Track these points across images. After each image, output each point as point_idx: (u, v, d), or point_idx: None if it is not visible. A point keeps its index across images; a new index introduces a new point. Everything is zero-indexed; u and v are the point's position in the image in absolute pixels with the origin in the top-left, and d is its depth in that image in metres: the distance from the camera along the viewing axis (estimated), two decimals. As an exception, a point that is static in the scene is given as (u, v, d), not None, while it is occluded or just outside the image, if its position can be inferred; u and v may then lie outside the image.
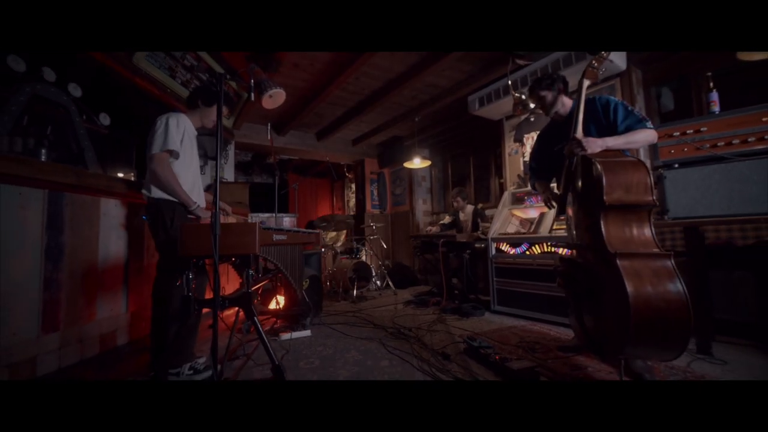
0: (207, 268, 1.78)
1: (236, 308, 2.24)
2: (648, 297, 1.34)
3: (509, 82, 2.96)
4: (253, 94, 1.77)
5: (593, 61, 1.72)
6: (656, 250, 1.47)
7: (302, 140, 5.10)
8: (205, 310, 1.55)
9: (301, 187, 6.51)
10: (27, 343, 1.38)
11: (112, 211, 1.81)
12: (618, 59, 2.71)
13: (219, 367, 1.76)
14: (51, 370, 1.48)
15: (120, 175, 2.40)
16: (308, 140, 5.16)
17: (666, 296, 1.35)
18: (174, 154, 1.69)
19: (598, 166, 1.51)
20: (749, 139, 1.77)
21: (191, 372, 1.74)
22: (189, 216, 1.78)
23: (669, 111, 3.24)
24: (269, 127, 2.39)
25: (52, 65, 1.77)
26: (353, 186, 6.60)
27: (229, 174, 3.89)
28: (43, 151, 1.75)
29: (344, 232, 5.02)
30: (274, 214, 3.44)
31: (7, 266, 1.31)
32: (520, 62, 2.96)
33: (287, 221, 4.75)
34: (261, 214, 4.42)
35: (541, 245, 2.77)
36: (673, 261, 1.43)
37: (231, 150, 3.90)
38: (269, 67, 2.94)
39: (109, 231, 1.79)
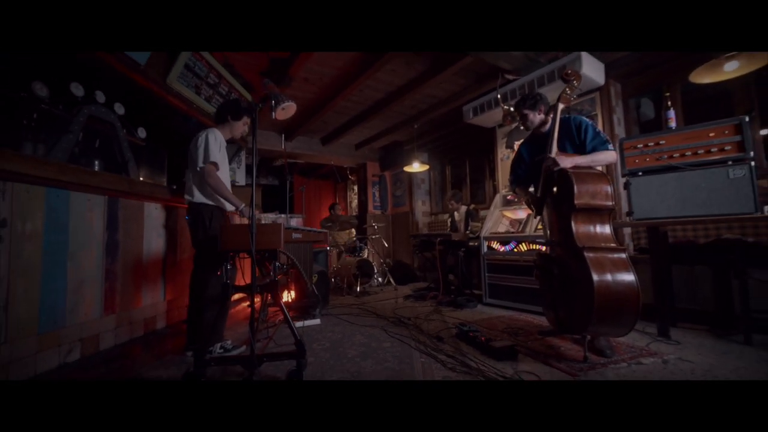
0: (236, 263, 2.07)
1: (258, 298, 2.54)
2: (608, 283, 1.65)
3: (498, 96, 3.25)
4: (274, 113, 2.08)
5: (566, 89, 2.01)
6: (614, 245, 1.78)
7: (308, 145, 5.40)
8: (234, 297, 1.85)
9: (305, 188, 6.81)
10: (94, 322, 1.68)
11: (153, 213, 2.11)
12: (596, 75, 3.00)
13: (244, 347, 2.08)
14: (109, 346, 1.79)
15: (142, 179, 2.70)
16: (314, 145, 5.46)
17: (622, 283, 1.66)
18: (216, 166, 1.98)
19: (571, 176, 1.81)
20: (699, 152, 2.06)
21: (222, 351, 2.03)
22: (227, 216, 2.08)
23: (649, 120, 3.53)
24: (283, 138, 2.67)
25: (102, 88, 2.07)
26: (356, 188, 6.90)
27: (241, 178, 4.19)
28: (96, 162, 2.05)
29: (352, 230, 5.31)
30: (285, 215, 3.73)
31: (80, 260, 1.61)
32: (509, 77, 3.26)
33: (294, 221, 5.05)
34: (270, 215, 4.71)
35: (527, 243, 3.07)
36: (627, 254, 1.73)
37: (243, 156, 4.20)
38: (282, 82, 3.23)
39: (151, 230, 2.10)
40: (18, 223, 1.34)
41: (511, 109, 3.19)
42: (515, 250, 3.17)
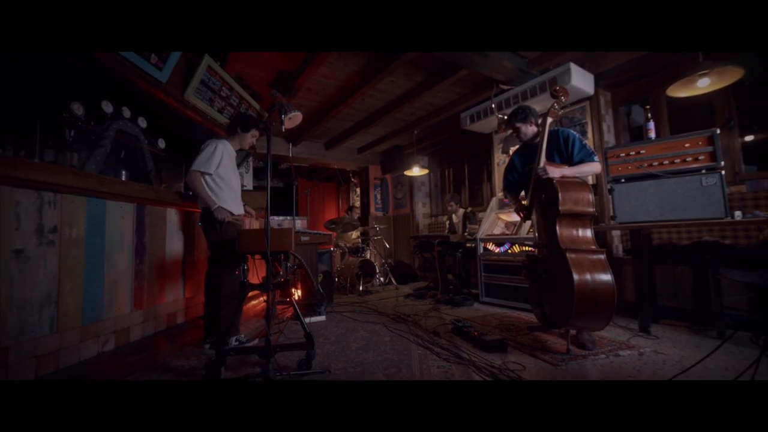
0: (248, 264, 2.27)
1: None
2: (586, 281, 1.82)
3: (493, 105, 3.43)
4: (283, 126, 2.28)
5: (554, 104, 2.19)
6: (594, 247, 1.96)
7: (312, 149, 5.60)
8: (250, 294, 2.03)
9: (309, 191, 7.01)
10: (125, 316, 1.88)
11: (173, 218, 2.31)
12: (586, 86, 3.17)
13: (256, 340, 2.27)
14: (138, 338, 1.99)
15: (163, 186, 2.90)
16: (318, 149, 5.66)
17: (599, 281, 1.84)
18: (204, 174, 2.15)
19: (556, 185, 1.99)
20: (675, 161, 2.23)
21: (237, 343, 2.23)
22: (240, 219, 2.28)
23: (640, 126, 3.69)
24: (290, 146, 2.86)
25: (128, 104, 2.28)
26: (358, 190, 7.09)
27: (248, 182, 4.39)
28: (123, 171, 2.25)
29: (357, 231, 5.47)
30: (290, 218, 3.92)
31: (115, 261, 1.81)
32: (503, 87, 3.43)
33: (299, 223, 5.24)
34: (276, 217, 4.90)
35: (520, 245, 3.24)
36: (605, 256, 1.91)
37: (251, 161, 4.40)
38: (288, 93, 3.43)
39: (172, 234, 2.30)
40: (66, 229, 1.54)
41: (505, 117, 3.38)
42: (510, 251, 3.34)
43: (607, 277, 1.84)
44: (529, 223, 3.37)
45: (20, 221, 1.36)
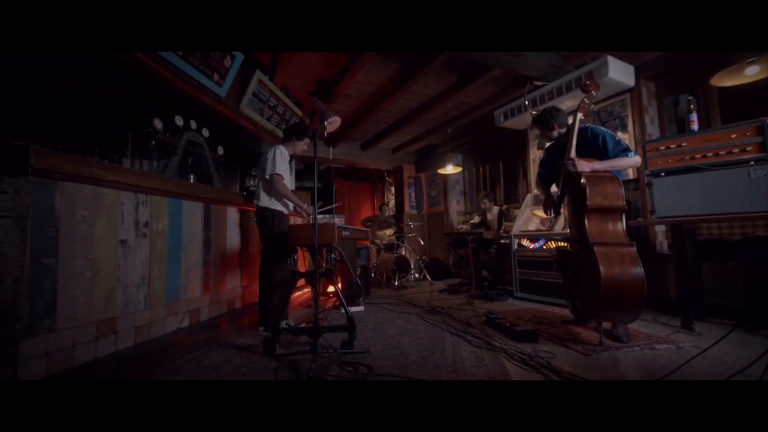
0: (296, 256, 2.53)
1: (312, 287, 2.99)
2: (614, 274, 1.86)
3: (526, 102, 3.44)
4: (326, 132, 2.51)
5: (584, 98, 2.21)
6: (624, 240, 1.97)
7: (349, 151, 5.87)
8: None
9: (347, 191, 7.31)
10: (197, 299, 2.21)
11: (232, 216, 2.64)
12: (625, 78, 3.09)
13: (303, 324, 2.52)
14: (205, 318, 2.32)
15: (221, 187, 3.27)
16: (354, 151, 5.93)
17: (627, 274, 1.85)
18: (281, 176, 2.45)
19: (584, 179, 2.03)
20: (720, 153, 2.16)
21: (287, 327, 2.50)
22: (287, 216, 2.55)
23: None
24: (330, 149, 3.10)
25: (194, 117, 2.63)
26: (393, 189, 7.28)
27: (291, 183, 4.75)
28: (191, 175, 2.62)
29: (393, 229, 5.67)
30: (331, 216, 4.20)
31: (189, 252, 2.14)
32: (537, 83, 3.43)
33: (337, 221, 5.54)
34: (324, 216, 5.24)
35: (555, 241, 3.24)
36: (635, 249, 1.92)
37: (293, 163, 4.75)
38: (328, 99, 3.69)
39: (231, 229, 2.63)
40: (154, 224, 1.88)
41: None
42: (544, 247, 3.35)
43: (635, 269, 1.85)
44: (563, 219, 3.34)
45: (124, 217, 1.70)
